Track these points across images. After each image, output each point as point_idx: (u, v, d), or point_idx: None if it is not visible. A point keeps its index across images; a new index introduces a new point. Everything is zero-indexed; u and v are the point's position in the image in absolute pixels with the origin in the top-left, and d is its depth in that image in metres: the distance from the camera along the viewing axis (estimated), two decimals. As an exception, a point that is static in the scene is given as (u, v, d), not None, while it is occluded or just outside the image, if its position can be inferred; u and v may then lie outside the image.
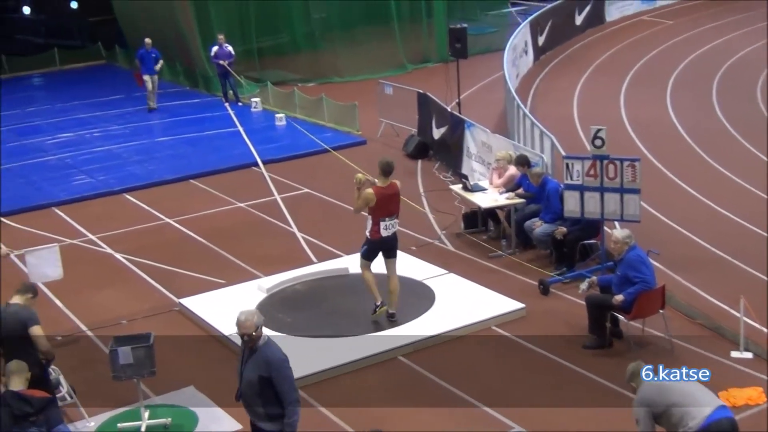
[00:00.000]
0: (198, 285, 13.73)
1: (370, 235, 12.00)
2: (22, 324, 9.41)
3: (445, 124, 18.85)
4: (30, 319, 9.46)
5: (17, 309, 9.53)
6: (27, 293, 9.74)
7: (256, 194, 17.96)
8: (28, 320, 9.43)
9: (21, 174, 20.34)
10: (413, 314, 12.15)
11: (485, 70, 25.81)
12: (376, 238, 11.99)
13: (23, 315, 9.48)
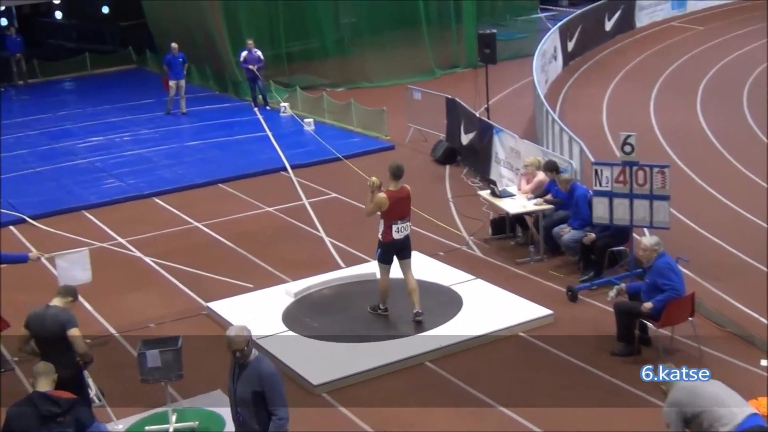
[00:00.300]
0: (226, 289, 13.77)
1: (382, 238, 12.15)
2: (61, 326, 9.48)
3: (474, 130, 18.81)
4: (69, 321, 9.54)
5: (57, 311, 9.61)
6: (67, 296, 9.81)
7: (285, 198, 17.98)
8: (67, 322, 9.51)
9: (52, 177, 20.48)
10: (441, 319, 12.12)
11: (514, 75, 25.74)
12: (387, 240, 12.12)
13: (63, 317, 9.55)
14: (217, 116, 25.48)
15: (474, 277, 13.41)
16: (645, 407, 9.73)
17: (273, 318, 12.46)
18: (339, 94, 25.82)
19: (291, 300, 13.03)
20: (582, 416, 9.91)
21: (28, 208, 18.06)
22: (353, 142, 21.32)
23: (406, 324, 12.16)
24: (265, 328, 12.06)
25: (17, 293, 13.10)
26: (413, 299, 12.27)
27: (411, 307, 12.26)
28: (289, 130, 23.31)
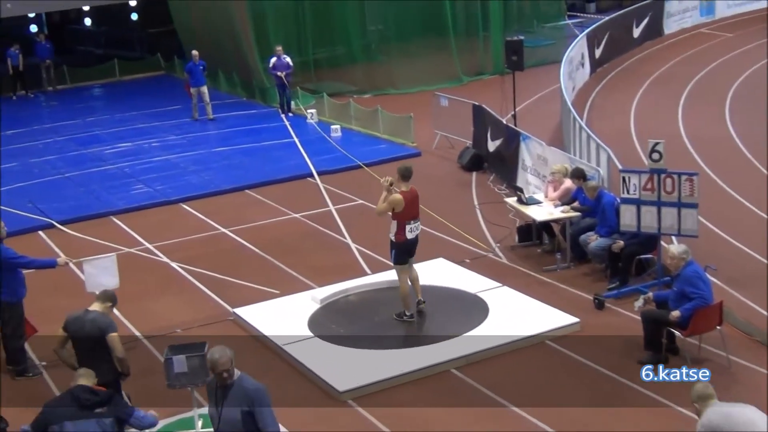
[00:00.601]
0: (252, 295, 13.79)
1: (396, 238, 12.31)
2: (100, 330, 9.56)
3: (501, 137, 18.78)
4: (109, 326, 9.63)
5: (96, 315, 9.69)
6: (107, 302, 9.91)
7: (311, 205, 18.01)
8: (107, 327, 9.60)
9: (81, 183, 20.61)
10: (466, 327, 12.09)
11: (541, 82, 25.68)
12: (401, 240, 12.31)
13: (102, 321, 9.63)
14: (244, 123, 25.57)
15: (500, 285, 13.38)
16: (672, 415, 9.66)
17: (299, 324, 12.47)
18: (366, 100, 25.86)
19: (317, 306, 13.04)
20: (608, 424, 9.85)
21: (57, 214, 18.19)
22: (380, 149, 21.33)
23: (432, 331, 12.13)
24: (290, 334, 12.07)
25: (46, 298, 13.19)
26: (416, 287, 12.63)
27: (413, 295, 12.57)
28: (316, 136, 23.35)
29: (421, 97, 24.95)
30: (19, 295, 11.74)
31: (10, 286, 11.64)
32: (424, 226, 16.05)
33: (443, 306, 12.87)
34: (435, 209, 16.77)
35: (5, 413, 10.22)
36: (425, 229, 15.92)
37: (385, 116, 22.57)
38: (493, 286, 13.33)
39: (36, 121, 27.98)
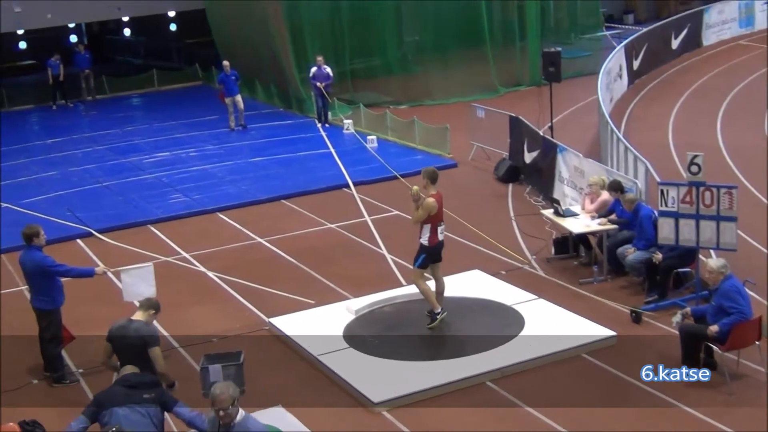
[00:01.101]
0: (288, 304, 13.81)
1: (429, 243, 12.39)
2: (143, 341, 9.58)
3: (537, 148, 18.71)
4: (151, 338, 9.63)
5: (140, 326, 9.70)
6: (150, 309, 9.92)
7: (347, 215, 18.03)
8: (150, 340, 9.60)
9: (119, 191, 20.76)
10: (502, 339, 12.03)
11: (578, 93, 25.57)
12: (434, 244, 12.41)
13: (145, 333, 9.64)
14: (281, 133, 25.65)
15: (536, 297, 13.31)
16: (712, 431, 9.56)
17: (334, 334, 12.47)
18: (402, 111, 25.86)
19: (352, 317, 13.03)
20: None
21: (95, 222, 18.29)
22: (416, 160, 21.31)
23: (467, 343, 12.09)
24: (326, 345, 12.08)
25: (84, 306, 13.28)
26: (440, 299, 12.66)
27: (432, 306, 12.57)
28: (352, 147, 23.38)
29: (457, 108, 24.92)
30: (57, 303, 11.83)
31: (49, 294, 11.75)
32: (460, 237, 16.09)
33: (479, 318, 12.81)
34: (471, 221, 16.74)
35: (42, 419, 10.29)
36: (461, 241, 15.93)
37: (421, 127, 22.56)
38: (529, 299, 13.26)
39: (75, 130, 28.24)
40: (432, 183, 12.42)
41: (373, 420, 10.61)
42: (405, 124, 23.23)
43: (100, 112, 31.12)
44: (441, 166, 20.52)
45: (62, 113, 31.50)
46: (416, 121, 22.68)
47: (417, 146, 22.48)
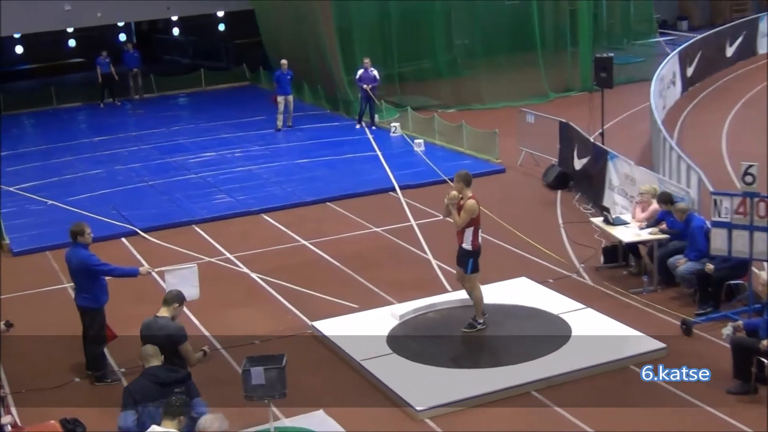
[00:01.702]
0: (331, 308, 13.81)
1: (473, 246, 12.41)
2: (170, 339, 9.62)
3: (588, 155, 18.57)
4: (179, 335, 9.69)
5: (166, 323, 9.78)
6: (173, 303, 9.99)
7: (392, 219, 18.01)
8: (178, 337, 9.66)
9: (164, 191, 20.90)
10: (548, 348, 11.93)
11: (630, 100, 25.35)
12: (477, 247, 12.45)
13: (171, 330, 9.70)
14: (328, 135, 25.70)
15: (584, 306, 13.19)
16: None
17: (377, 340, 12.44)
18: (450, 115, 25.81)
19: (396, 322, 13.00)
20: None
21: (140, 221, 18.45)
22: (464, 165, 21.16)
23: (513, 352, 12.00)
24: (369, 350, 12.06)
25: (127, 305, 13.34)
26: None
27: (476, 314, 12.61)
28: (399, 150, 23.37)
29: (506, 113, 24.83)
30: (101, 302, 11.92)
31: (93, 292, 11.84)
32: (508, 244, 16.02)
33: (525, 326, 12.72)
34: (519, 227, 16.65)
35: (84, 418, 10.37)
36: (508, 248, 15.86)
37: (469, 131, 22.49)
38: (577, 308, 13.15)
39: (122, 128, 28.50)
40: (467, 186, 12.40)
41: (415, 427, 10.56)
42: (453, 128, 23.16)
43: (147, 111, 31.39)
44: (489, 172, 20.68)
45: (110, 111, 31.82)
46: (464, 126, 22.61)
47: (465, 151, 22.41)
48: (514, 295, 13.59)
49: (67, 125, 29.91)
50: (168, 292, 10.31)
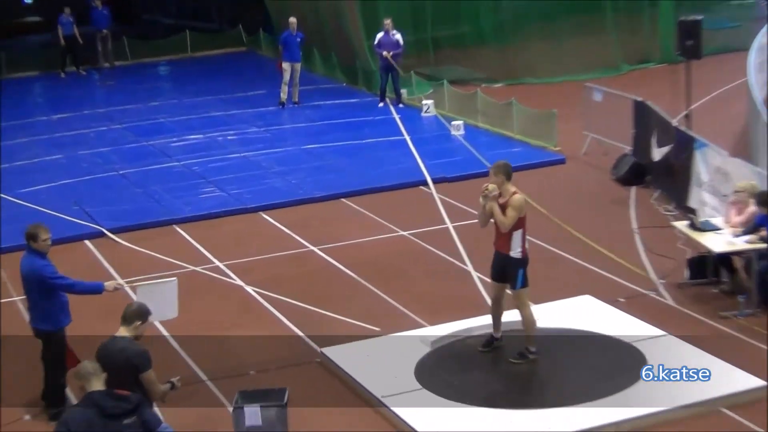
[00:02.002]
0: (346, 331, 13.76)
1: (522, 254, 12.34)
2: (131, 365, 9.52)
3: (669, 143, 18.47)
4: (141, 361, 9.56)
5: (125, 345, 9.65)
6: (134, 320, 9.85)
7: (423, 221, 17.98)
8: (139, 363, 9.53)
9: (139, 182, 20.94)
10: (617, 385, 11.83)
11: (723, 74, 25.33)
12: (526, 255, 12.40)
13: (131, 353, 9.58)
14: (344, 114, 25.71)
15: (663, 333, 13.09)
16: None
17: (403, 372, 12.38)
18: (497, 91, 25.80)
19: (427, 350, 12.94)
20: None
21: (108, 219, 18.47)
22: (513, 153, 21.15)
23: (571, 389, 11.91)
24: (392, 385, 12.00)
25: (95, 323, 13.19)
26: (499, 326, 12.81)
27: (528, 342, 12.58)
28: (433, 134, 23.34)
29: (567, 90, 24.83)
30: (60, 323, 11.82)
31: (50, 312, 11.72)
32: (568, 253, 15.92)
33: (588, 357, 12.64)
34: (582, 232, 16.60)
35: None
36: (569, 257, 15.78)
37: (521, 112, 22.44)
38: (654, 334, 13.05)
39: (87, 104, 28.64)
40: (508, 180, 12.31)
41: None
42: (500, 107, 23.13)
43: (119, 83, 31.52)
44: (546, 162, 20.61)
45: (73, 83, 31.98)
46: (515, 104, 22.56)
47: (515, 135, 22.37)
48: (574, 318, 13.52)
49: (21, 99, 30.04)
50: (127, 307, 10.14)
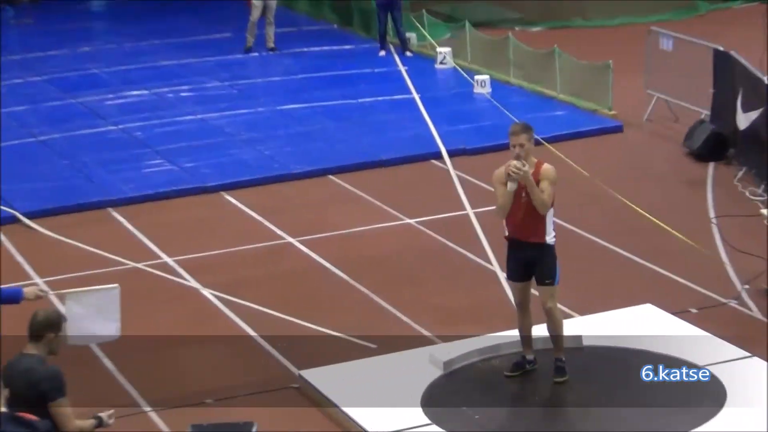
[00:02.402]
0: (332, 349, 13.82)
1: (554, 240, 12.50)
2: (37, 392, 9.45)
3: (760, 106, 18.49)
4: (51, 387, 9.42)
5: (32, 364, 9.51)
6: (44, 332, 9.75)
7: (436, 205, 18.04)
8: (47, 390, 9.41)
9: (64, 152, 20.98)
10: (688, 422, 11.91)
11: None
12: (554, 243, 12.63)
13: (41, 376, 9.47)
14: (333, 65, 25.73)
15: (748, 354, 13.15)
16: None
17: (408, 401, 12.44)
18: (534, 36, 25.81)
19: (439, 373, 13.00)
20: None
21: (22, 200, 18.48)
22: (555, 117, 21.23)
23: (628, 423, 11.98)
24: (393, 419, 12.09)
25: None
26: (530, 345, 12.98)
27: (559, 350, 12.76)
28: (450, 92, 23.36)
29: (625, 35, 24.85)
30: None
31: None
32: (624, 249, 15.96)
33: (648, 386, 12.67)
34: (644, 222, 16.59)
35: None
36: (626, 255, 15.82)
37: (566, 64, 22.46)
38: (737, 356, 13.11)
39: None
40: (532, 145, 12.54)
41: None
42: (539, 57, 23.18)
43: (40, 23, 31.44)
44: (597, 131, 20.65)
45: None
46: (557, 54, 22.56)
47: (557, 95, 22.40)
48: (631, 334, 13.53)
49: None
50: (32, 318, 9.97)
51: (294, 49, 26.78)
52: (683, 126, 20.36)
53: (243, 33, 26.75)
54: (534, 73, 23.22)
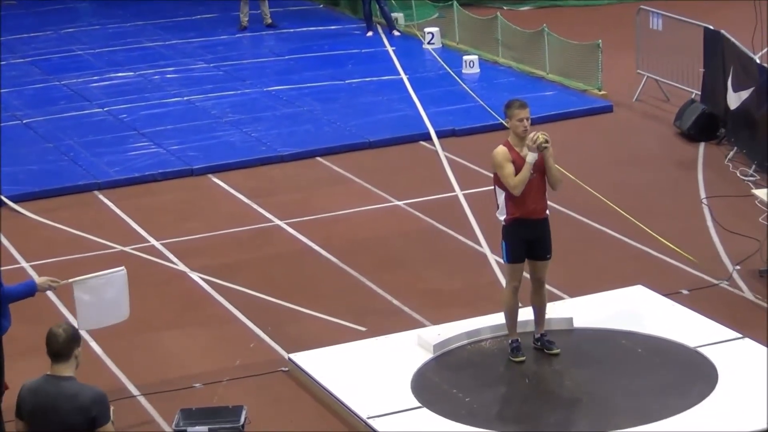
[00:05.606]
0: (321, 332, 13.87)
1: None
2: (86, 416, 8.98)
3: (750, 85, 18.51)
4: (101, 408, 8.95)
5: (78, 389, 8.92)
6: (73, 347, 9.20)
7: (425, 187, 18.06)
8: (99, 413, 8.95)
9: (48, 135, 20.97)
10: (678, 405, 11.97)
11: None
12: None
13: (89, 399, 9.04)
14: (320, 45, 25.70)
15: (740, 336, 13.18)
16: None
17: (396, 384, 12.49)
18: (523, 15, 25.79)
19: (428, 356, 13.02)
20: None
21: (7, 184, 18.45)
22: (544, 98, 21.22)
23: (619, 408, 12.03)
24: (382, 402, 12.13)
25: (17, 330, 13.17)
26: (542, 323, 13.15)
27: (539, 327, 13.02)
28: (438, 72, 23.35)
29: (615, 14, 24.89)
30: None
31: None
32: (615, 231, 16.01)
33: (639, 368, 12.75)
34: (635, 204, 16.65)
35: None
36: (617, 237, 15.88)
37: (554, 43, 22.46)
38: (728, 338, 13.14)
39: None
40: None
41: None
42: (527, 37, 23.19)
43: (22, 3, 31.36)
44: (586, 110, 20.71)
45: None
46: (546, 33, 22.57)
47: (546, 75, 22.42)
48: (624, 315, 13.63)
49: None
50: (53, 337, 9.36)
51: (281, 30, 26.75)
52: (674, 106, 20.39)
53: (229, 13, 26.74)
54: (522, 52, 23.23)
